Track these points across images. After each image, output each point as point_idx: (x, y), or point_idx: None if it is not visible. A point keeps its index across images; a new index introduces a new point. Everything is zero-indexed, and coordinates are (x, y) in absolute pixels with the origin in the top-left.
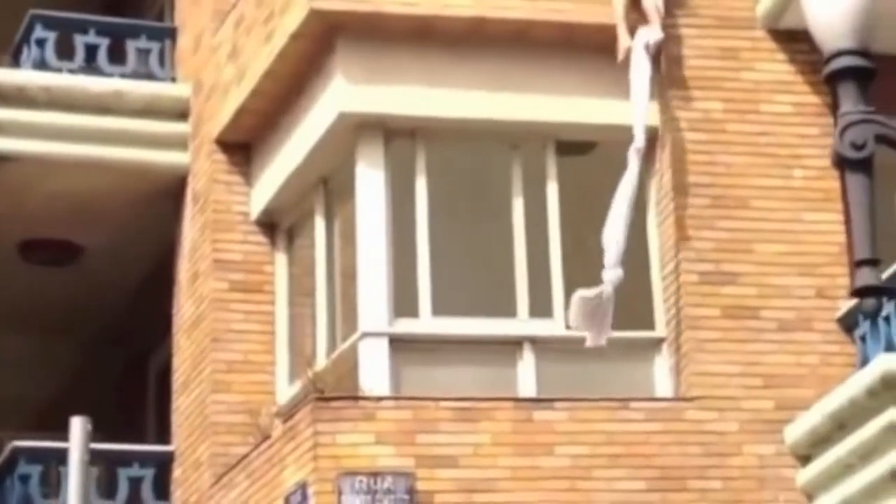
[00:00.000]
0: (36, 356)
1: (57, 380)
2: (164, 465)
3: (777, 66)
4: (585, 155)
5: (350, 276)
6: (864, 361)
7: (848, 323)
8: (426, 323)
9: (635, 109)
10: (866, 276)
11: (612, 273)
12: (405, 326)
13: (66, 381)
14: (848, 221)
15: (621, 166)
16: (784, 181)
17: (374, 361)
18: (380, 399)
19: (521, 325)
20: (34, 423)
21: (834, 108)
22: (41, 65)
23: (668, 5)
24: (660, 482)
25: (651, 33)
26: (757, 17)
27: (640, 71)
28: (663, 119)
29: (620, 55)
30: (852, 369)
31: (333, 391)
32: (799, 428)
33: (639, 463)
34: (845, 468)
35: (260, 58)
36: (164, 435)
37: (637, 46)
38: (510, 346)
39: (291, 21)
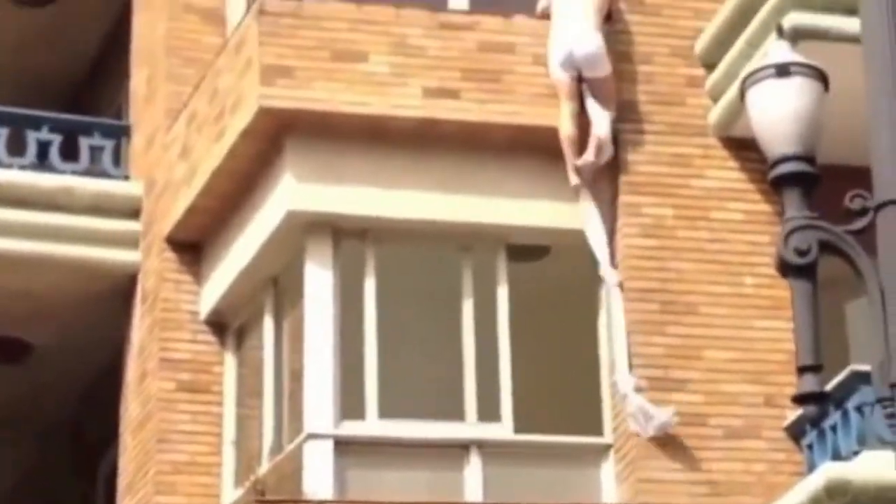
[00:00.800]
0: None
1: (7, 478)
2: None
3: (728, 174)
4: (539, 260)
5: (298, 377)
6: (811, 470)
7: (795, 431)
8: (372, 425)
9: (597, 251)
10: (808, 383)
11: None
12: (351, 429)
13: (17, 479)
14: None
15: (573, 271)
16: (734, 288)
17: (318, 464)
18: (321, 502)
19: (469, 428)
20: None
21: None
22: None
23: (621, 112)
24: None
25: (587, 157)
26: (709, 124)
27: (589, 213)
28: (613, 224)
29: (571, 179)
30: (800, 478)
31: (277, 494)
32: None
33: None
34: None
35: (210, 156)
36: None
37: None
38: (457, 450)
39: (241, 119)
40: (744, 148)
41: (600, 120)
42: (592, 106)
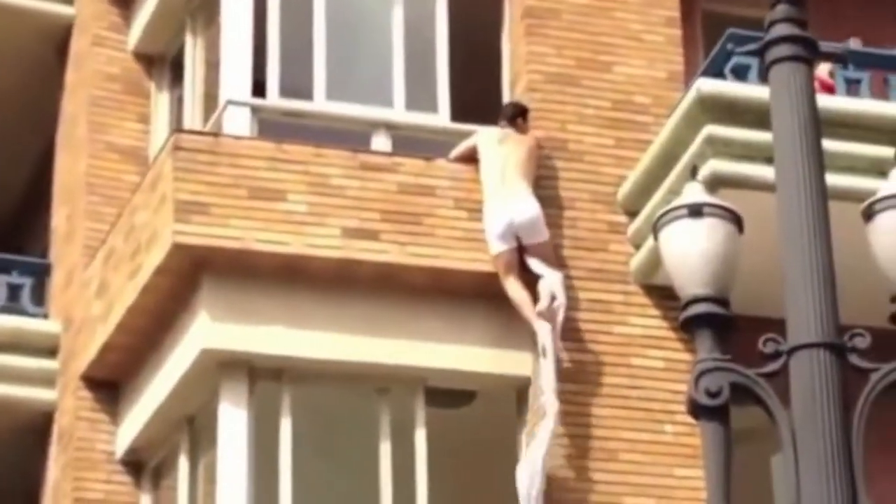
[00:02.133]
0: None
1: None
2: None
3: (649, 321)
4: (464, 406)
5: None
6: None
7: None
8: None
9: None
10: None
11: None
12: None
13: None
14: None
15: (494, 416)
16: (654, 436)
17: None
18: None
19: None
20: None
21: None
22: None
23: None
24: None
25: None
26: (630, 271)
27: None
28: (535, 369)
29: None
30: None
31: None
32: None
33: None
34: None
35: (126, 293)
36: None
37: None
38: None
39: (156, 256)
40: (665, 296)
41: (550, 275)
42: (538, 265)
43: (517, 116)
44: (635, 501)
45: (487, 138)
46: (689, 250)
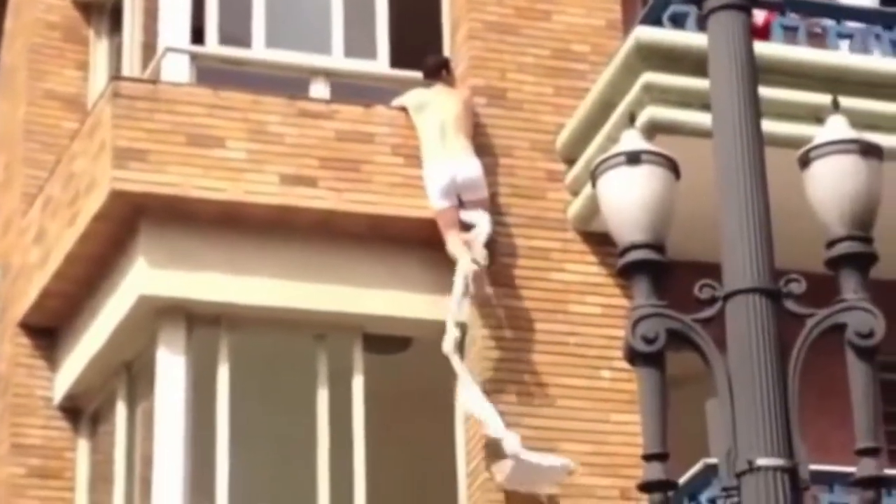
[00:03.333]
0: None
1: None
2: None
3: (587, 268)
4: (400, 352)
5: (149, 463)
6: None
7: None
8: None
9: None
10: (654, 471)
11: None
12: None
13: None
14: None
15: (431, 363)
16: (591, 381)
17: None
18: None
19: None
20: None
21: None
22: None
23: None
24: None
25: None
26: (568, 218)
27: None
28: (472, 315)
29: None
30: None
31: None
32: None
33: None
34: None
35: (64, 240)
36: None
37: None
38: None
39: (94, 202)
40: (602, 243)
41: (483, 223)
42: (475, 216)
43: (440, 69)
44: (572, 447)
45: (418, 99)
46: (627, 197)
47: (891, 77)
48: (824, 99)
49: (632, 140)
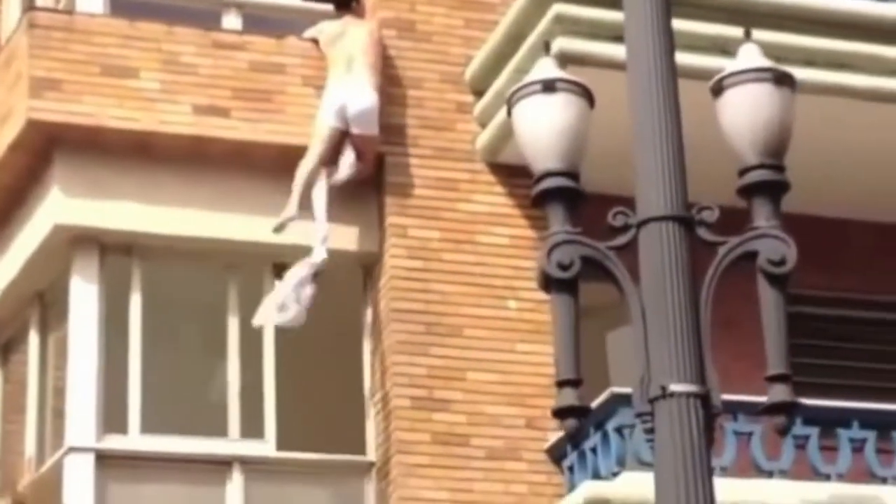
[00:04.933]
0: None
1: None
2: None
3: (495, 199)
4: None
5: (61, 392)
6: (571, 491)
7: (556, 453)
8: (135, 440)
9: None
10: (568, 397)
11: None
12: (113, 443)
13: None
14: None
15: (341, 293)
16: (498, 311)
17: (78, 477)
18: None
19: (232, 445)
20: None
21: None
22: None
23: (388, 135)
24: None
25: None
26: (477, 150)
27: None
28: (382, 245)
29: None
30: (559, 499)
31: None
32: None
33: None
34: None
35: None
36: None
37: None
38: (219, 466)
39: (10, 132)
40: (511, 174)
41: (321, 225)
42: (320, 208)
43: (350, 1)
44: (478, 376)
45: (329, 31)
46: (542, 125)
47: (798, 9)
48: (731, 31)
49: (547, 69)
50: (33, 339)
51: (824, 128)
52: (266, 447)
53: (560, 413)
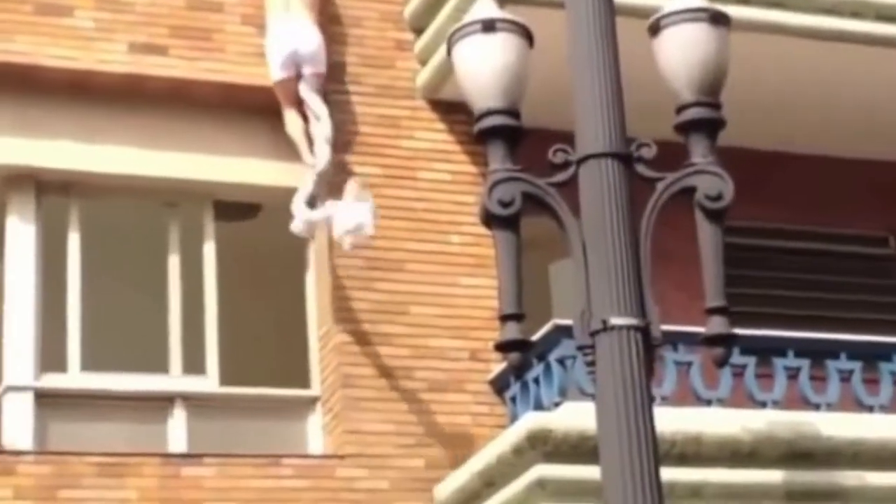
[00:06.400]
0: None
1: None
2: None
3: (436, 136)
4: (250, 219)
5: None
6: (514, 421)
7: (499, 385)
8: (74, 378)
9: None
10: (511, 331)
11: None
12: (52, 381)
13: None
14: None
15: (282, 229)
16: (440, 246)
17: (17, 416)
18: (19, 453)
19: (173, 381)
20: None
21: None
22: None
23: (330, 73)
24: None
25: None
26: (417, 87)
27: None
28: (322, 185)
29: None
30: (502, 430)
31: None
32: (448, 486)
33: None
34: None
35: None
36: None
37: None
38: (161, 403)
39: None
40: (451, 111)
41: (324, 116)
42: (314, 100)
43: None
44: (421, 310)
45: None
46: (482, 64)
47: None
48: None
49: (486, 8)
50: None
51: (759, 65)
52: (208, 383)
53: (503, 347)
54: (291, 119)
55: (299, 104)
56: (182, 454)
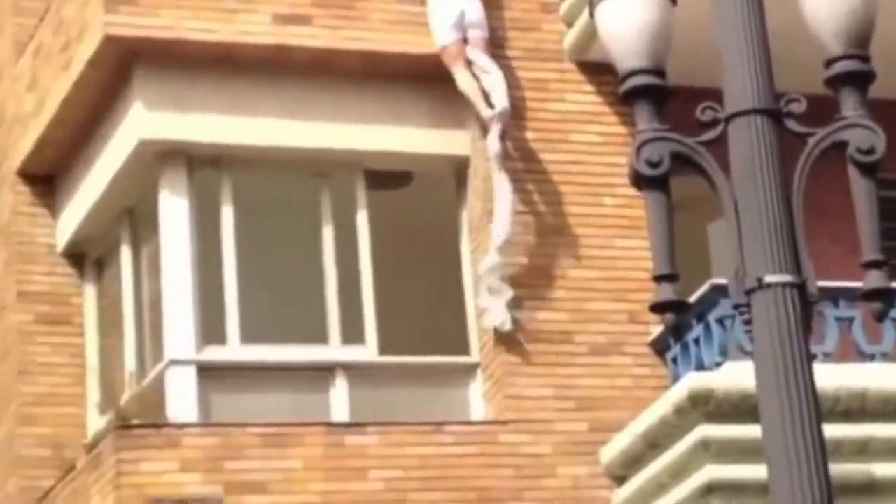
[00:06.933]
0: None
1: None
2: None
3: (585, 98)
4: (402, 187)
5: (158, 306)
6: (675, 382)
7: (659, 346)
8: (235, 350)
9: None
10: (665, 292)
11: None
12: (213, 354)
13: None
14: None
15: (434, 195)
16: (594, 209)
17: (180, 389)
18: (184, 426)
19: (333, 351)
20: None
21: None
22: None
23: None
24: None
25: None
26: (564, 49)
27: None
28: (474, 148)
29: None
30: (664, 391)
31: (141, 420)
32: (613, 449)
33: (453, 485)
34: (659, 486)
35: (58, 87)
36: None
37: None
38: (322, 373)
39: (87, 48)
40: (599, 72)
41: (495, 72)
42: (484, 59)
43: None
44: (579, 273)
45: None
46: (625, 24)
47: None
48: None
49: None
50: (125, 254)
51: None
52: (367, 352)
53: (657, 308)
54: (463, 77)
55: (469, 64)
56: (345, 423)
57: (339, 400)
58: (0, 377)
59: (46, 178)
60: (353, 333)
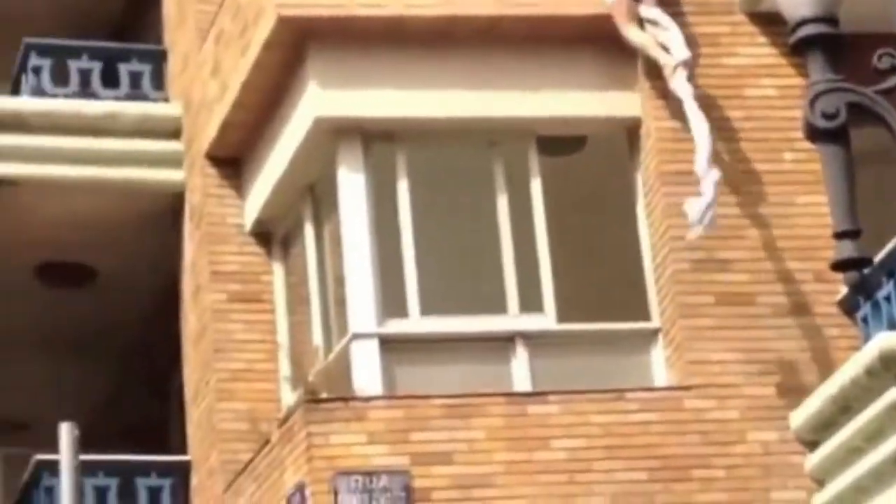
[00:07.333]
0: (67, 378)
1: (91, 399)
2: (183, 474)
3: (758, 50)
4: (576, 152)
5: (341, 280)
6: (867, 342)
7: (848, 305)
8: (416, 323)
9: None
10: (847, 249)
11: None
12: (395, 327)
13: (101, 401)
14: None
15: (608, 158)
16: (773, 165)
17: (365, 362)
18: (370, 399)
19: (512, 321)
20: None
21: None
22: (38, 91)
23: None
24: (661, 472)
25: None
26: (736, 1)
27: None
28: (646, 108)
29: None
30: (855, 352)
31: (329, 394)
32: (803, 413)
33: (638, 454)
34: (852, 452)
35: (238, 71)
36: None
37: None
38: (502, 343)
39: (262, 31)
40: (772, 23)
41: (671, 26)
42: (658, 14)
43: None
44: (758, 233)
45: None
46: None
47: None
48: None
49: None
50: (308, 231)
51: None
52: (547, 321)
53: (840, 266)
54: (634, 31)
55: (640, 21)
56: (527, 392)
57: (519, 369)
58: (198, 354)
59: (232, 160)
60: (531, 302)
